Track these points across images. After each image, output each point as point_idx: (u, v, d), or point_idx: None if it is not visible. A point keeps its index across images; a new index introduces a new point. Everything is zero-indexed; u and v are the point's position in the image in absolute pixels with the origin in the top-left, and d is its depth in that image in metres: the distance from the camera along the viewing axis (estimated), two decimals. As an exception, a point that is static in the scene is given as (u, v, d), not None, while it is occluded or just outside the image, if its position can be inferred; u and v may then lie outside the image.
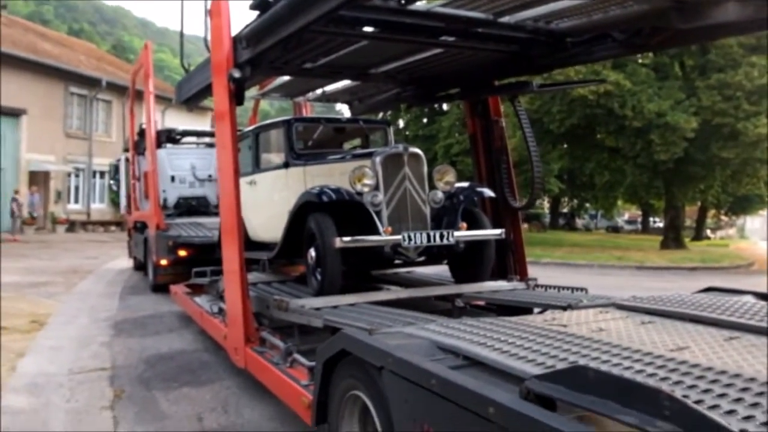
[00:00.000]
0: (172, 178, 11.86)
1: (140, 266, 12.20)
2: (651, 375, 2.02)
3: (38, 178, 22.51)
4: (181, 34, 8.25)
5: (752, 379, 1.96)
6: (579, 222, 49.27)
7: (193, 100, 6.76)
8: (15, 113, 21.22)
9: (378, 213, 4.91)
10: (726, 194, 26.79)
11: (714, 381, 1.97)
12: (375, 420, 2.60)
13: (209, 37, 5.23)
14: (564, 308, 3.80)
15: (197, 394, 4.77)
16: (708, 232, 45.80)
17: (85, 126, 24.97)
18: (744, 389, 1.88)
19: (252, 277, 6.33)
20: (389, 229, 4.77)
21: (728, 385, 1.92)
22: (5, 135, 21.20)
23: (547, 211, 48.03)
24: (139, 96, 12.59)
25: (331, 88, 7.66)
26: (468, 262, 5.40)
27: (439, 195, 5.21)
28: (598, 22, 4.29)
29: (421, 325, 3.14)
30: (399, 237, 4.69)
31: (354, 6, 3.97)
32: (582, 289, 4.76)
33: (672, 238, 23.18)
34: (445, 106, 27.23)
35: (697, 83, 17.82)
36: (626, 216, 55.59)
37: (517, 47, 4.96)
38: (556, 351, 2.40)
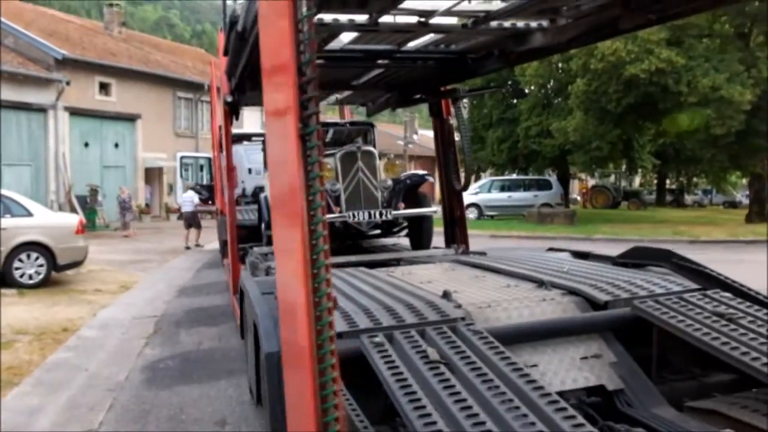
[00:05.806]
0: (249, 170, 13.95)
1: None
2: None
3: (153, 174, 26.00)
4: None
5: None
6: (689, 198, 46.85)
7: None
8: (132, 118, 24.73)
9: (337, 198, 6.48)
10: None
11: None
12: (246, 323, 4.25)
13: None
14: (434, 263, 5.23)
15: (208, 331, 6.65)
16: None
17: (191, 126, 28.31)
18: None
19: (266, 249, 8.13)
20: (337, 208, 6.33)
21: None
22: (125, 137, 24.78)
23: (652, 188, 46.21)
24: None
25: (343, 95, 9.32)
26: (414, 234, 6.88)
27: (389, 182, 6.69)
28: (478, 44, 5.62)
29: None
30: (345, 215, 6.25)
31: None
32: (482, 253, 6.06)
33: (756, 212, 22.61)
34: (526, 90, 27.97)
35: (758, 53, 17.51)
36: (748, 191, 52.17)
37: (439, 63, 6.33)
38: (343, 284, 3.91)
